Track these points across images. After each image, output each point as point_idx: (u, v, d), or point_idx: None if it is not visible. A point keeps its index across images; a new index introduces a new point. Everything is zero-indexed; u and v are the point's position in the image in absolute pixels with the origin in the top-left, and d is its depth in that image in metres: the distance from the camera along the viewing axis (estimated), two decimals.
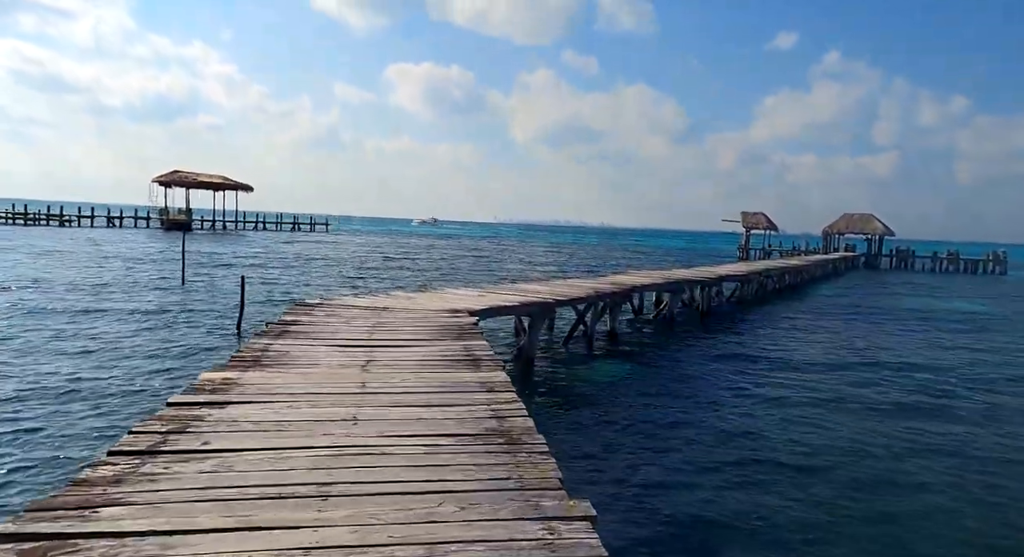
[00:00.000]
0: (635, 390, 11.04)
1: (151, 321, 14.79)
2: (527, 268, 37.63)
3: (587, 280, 16.89)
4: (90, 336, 12.86)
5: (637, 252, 72.58)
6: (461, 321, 8.74)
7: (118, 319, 14.85)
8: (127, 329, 13.82)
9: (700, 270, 23.33)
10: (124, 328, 13.87)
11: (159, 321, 14.83)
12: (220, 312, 16.37)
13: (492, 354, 6.57)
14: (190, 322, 14.90)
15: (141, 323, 14.48)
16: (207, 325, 14.69)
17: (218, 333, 13.77)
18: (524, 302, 11.47)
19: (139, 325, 14.25)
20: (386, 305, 10.15)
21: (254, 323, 14.80)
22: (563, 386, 11.09)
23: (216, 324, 14.83)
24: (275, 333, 7.32)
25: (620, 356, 13.99)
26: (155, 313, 15.88)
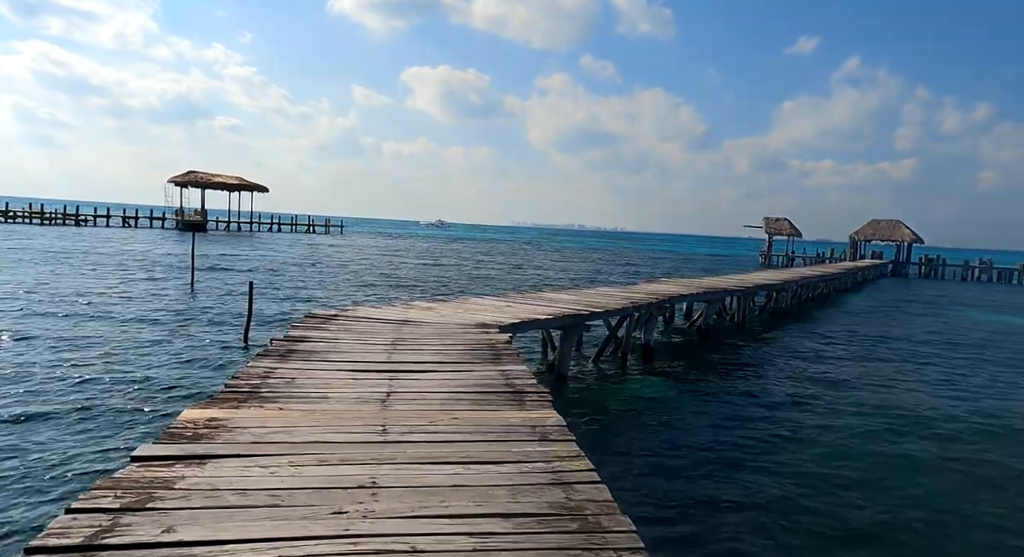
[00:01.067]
0: (680, 415, 9.91)
1: (153, 330, 13.87)
2: (549, 274, 36.55)
3: (618, 289, 15.77)
4: (80, 347, 11.94)
5: (658, 258, 71.24)
6: (492, 338, 7.67)
7: (116, 327, 13.95)
8: (125, 338, 12.90)
9: (732, 278, 22.11)
10: (122, 336, 12.95)
11: (161, 330, 13.91)
12: (228, 319, 15.44)
13: (536, 384, 5.50)
14: (195, 331, 13.97)
15: (140, 331, 13.56)
16: (213, 333, 13.75)
17: (223, 343, 12.81)
18: (557, 314, 10.39)
19: (139, 334, 13.33)
20: (406, 317, 9.11)
21: (264, 331, 13.85)
22: (599, 408, 9.99)
23: (223, 332, 13.89)
24: (280, 353, 6.30)
25: (657, 373, 12.86)
26: (159, 320, 14.98)
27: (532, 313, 10.28)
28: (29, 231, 48.00)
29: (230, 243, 47.49)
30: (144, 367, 10.57)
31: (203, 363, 11.07)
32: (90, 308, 15.99)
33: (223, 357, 11.60)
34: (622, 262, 55.97)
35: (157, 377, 9.97)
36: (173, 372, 10.33)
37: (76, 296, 17.72)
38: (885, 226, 58.52)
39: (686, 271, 46.02)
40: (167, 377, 9.99)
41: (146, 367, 10.58)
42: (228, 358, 11.58)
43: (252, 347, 12.59)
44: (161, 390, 9.34)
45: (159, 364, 10.84)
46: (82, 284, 20.18)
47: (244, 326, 13.09)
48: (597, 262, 53.13)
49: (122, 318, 14.85)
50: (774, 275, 25.66)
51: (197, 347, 12.32)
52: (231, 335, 13.48)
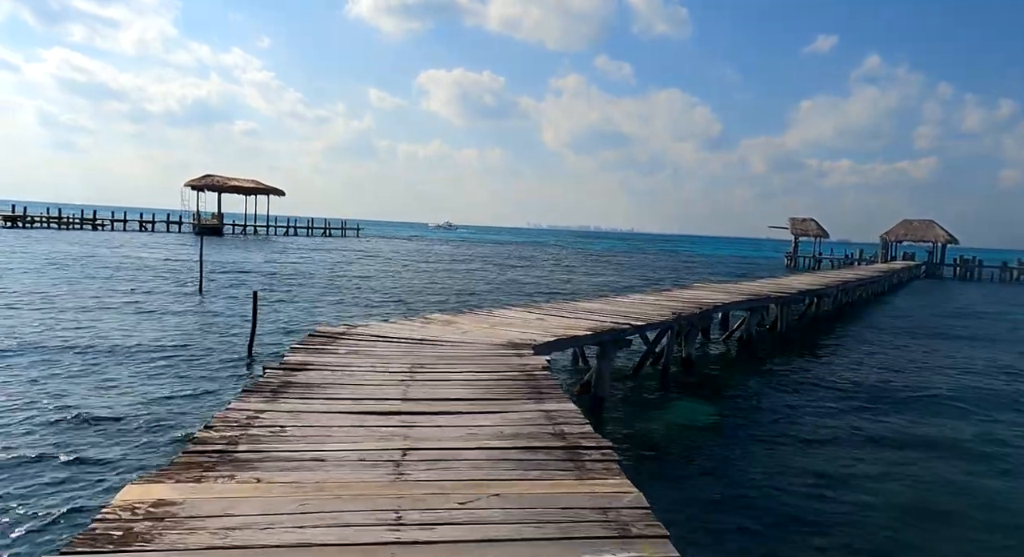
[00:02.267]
0: (737, 448, 8.64)
1: (152, 342, 12.84)
2: (573, 279, 35.28)
3: (653, 296, 14.49)
4: (66, 358, 10.91)
5: (680, 261, 69.65)
6: (527, 363, 6.46)
7: (113, 332, 12.93)
8: (120, 347, 11.88)
9: (768, 282, 20.71)
10: (117, 345, 11.91)
11: (162, 342, 12.87)
12: (236, 329, 14.39)
13: (593, 434, 4.28)
14: (198, 343, 12.92)
15: (140, 340, 12.53)
16: (217, 345, 12.69)
17: (227, 357, 11.73)
18: (595, 329, 9.16)
19: (137, 344, 12.30)
20: (425, 335, 7.92)
21: (274, 341, 12.77)
22: (645, 439, 8.76)
23: (228, 344, 12.83)
24: (272, 387, 5.14)
25: (700, 391, 11.59)
26: (160, 331, 13.95)
27: (567, 328, 9.06)
28: (48, 235, 47.68)
29: (246, 248, 46.80)
30: (122, 392, 9.48)
31: (193, 386, 9.94)
32: (84, 314, 15.03)
33: (220, 375, 10.50)
34: (644, 265, 54.51)
35: (129, 409, 8.67)
36: (156, 398, 9.16)
37: (74, 300, 16.80)
38: (918, 226, 56.47)
39: (713, 275, 44.53)
40: (143, 406, 8.77)
41: (125, 391, 9.49)
42: (230, 374, 10.49)
43: (257, 361, 11.53)
44: (125, 429, 8.01)
45: (143, 384, 9.75)
46: (86, 288, 19.28)
47: (248, 340, 12.00)
48: (618, 266, 51.72)
49: (115, 326, 13.84)
50: (814, 279, 24.19)
51: (195, 361, 11.26)
52: (237, 346, 12.42)
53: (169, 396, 9.16)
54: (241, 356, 11.86)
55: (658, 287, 20.51)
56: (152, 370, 10.59)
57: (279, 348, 12.41)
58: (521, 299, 21.47)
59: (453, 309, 17.32)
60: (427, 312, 16.68)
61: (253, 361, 11.53)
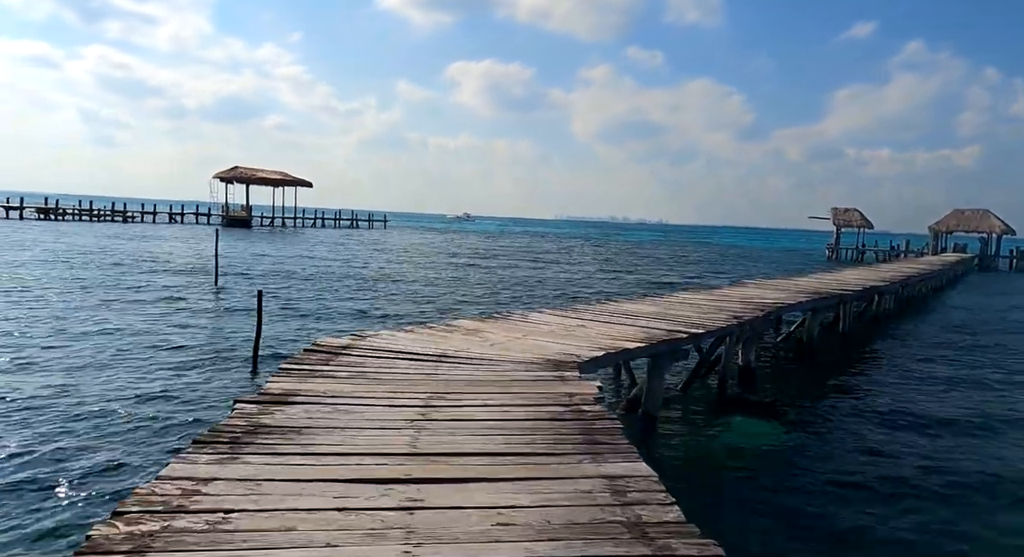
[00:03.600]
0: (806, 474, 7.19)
1: (146, 342, 11.74)
2: (606, 275, 33.72)
3: (704, 295, 12.96)
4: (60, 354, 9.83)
5: (719, 254, 67.42)
6: (575, 393, 5.05)
7: (118, 326, 11.86)
8: (119, 345, 10.80)
9: (823, 277, 18.92)
10: (115, 343, 10.82)
11: (159, 342, 11.77)
12: (246, 329, 13.22)
13: (684, 522, 2.88)
14: (199, 344, 11.79)
15: (131, 340, 11.43)
16: (219, 349, 11.56)
17: (226, 366, 10.54)
18: (649, 339, 7.72)
19: (128, 343, 11.19)
20: (445, 349, 6.57)
21: (282, 342, 11.59)
22: (700, 459, 7.44)
23: (232, 348, 11.69)
24: (237, 433, 3.83)
25: (764, 408, 10.09)
26: (160, 330, 12.87)
27: (614, 338, 7.64)
28: (79, 227, 47.62)
29: (272, 240, 46.16)
30: (107, 402, 8.33)
31: (180, 400, 8.74)
32: (85, 312, 14.04)
33: (210, 390, 9.31)
34: (679, 258, 52.52)
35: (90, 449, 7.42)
36: (107, 433, 7.78)
37: (75, 291, 15.87)
38: (971, 216, 53.48)
39: (754, 268, 42.52)
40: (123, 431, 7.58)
41: (107, 403, 8.34)
42: (227, 384, 9.31)
43: (263, 365, 10.35)
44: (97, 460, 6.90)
45: (134, 400, 8.60)
46: (94, 278, 18.41)
47: (253, 348, 10.80)
48: (652, 259, 49.80)
49: (115, 327, 12.80)
50: (869, 273, 22.28)
51: (188, 369, 10.10)
52: (241, 351, 11.26)
53: (120, 432, 7.81)
54: (245, 362, 10.69)
55: (701, 284, 18.98)
56: (128, 380, 9.43)
57: (288, 353, 11.23)
58: (552, 299, 20.04)
59: (479, 312, 16.00)
60: (449, 313, 15.59)
61: (257, 371, 10.34)
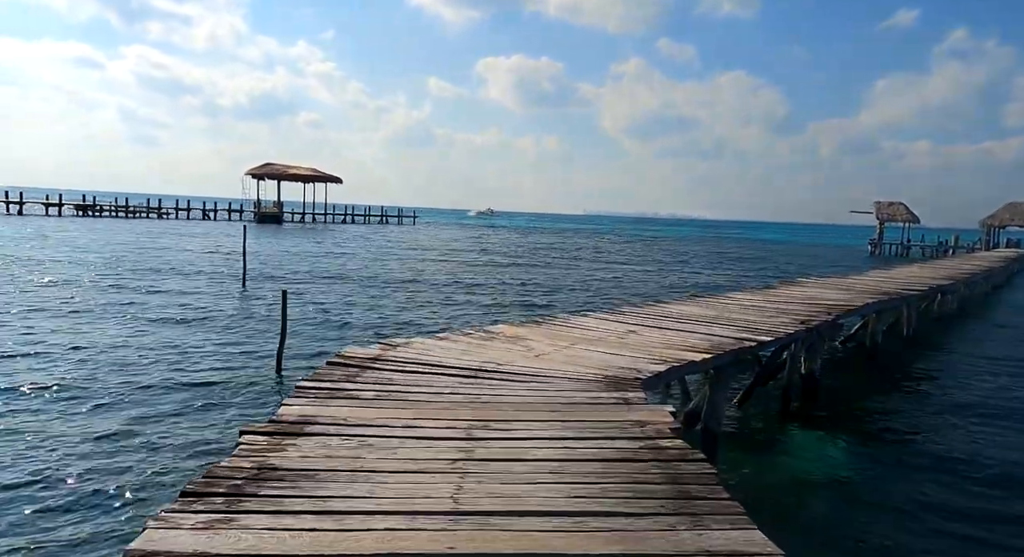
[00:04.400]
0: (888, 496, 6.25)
1: (166, 346, 11.18)
2: (644, 273, 32.66)
3: (760, 295, 11.95)
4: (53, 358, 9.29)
5: (758, 250, 65.59)
6: (645, 421, 4.19)
7: (136, 331, 11.35)
8: (133, 355, 10.25)
9: (880, 275, 17.66)
10: (128, 352, 10.27)
11: (181, 343, 11.22)
12: (272, 332, 12.62)
13: None
14: (221, 350, 11.20)
15: (149, 344, 10.88)
16: (243, 353, 10.96)
17: (245, 376, 9.90)
18: (714, 348, 6.81)
19: (147, 347, 10.65)
20: (485, 362, 5.76)
21: (314, 349, 10.94)
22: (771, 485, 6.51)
23: (256, 354, 11.08)
24: (237, 482, 3.07)
25: (832, 422, 9.12)
26: (181, 332, 12.34)
27: (674, 347, 6.75)
28: (114, 224, 48.11)
29: (304, 236, 46.00)
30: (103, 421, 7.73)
31: (183, 423, 8.10)
32: (106, 307, 13.60)
33: (229, 401, 8.67)
34: (717, 254, 50.90)
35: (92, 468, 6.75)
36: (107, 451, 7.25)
37: (100, 286, 15.49)
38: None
39: (800, 266, 40.96)
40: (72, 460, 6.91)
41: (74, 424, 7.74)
42: (250, 401, 8.66)
43: (287, 376, 9.71)
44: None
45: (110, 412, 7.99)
46: (122, 273, 18.08)
47: (277, 350, 10.16)
48: (688, 256, 48.26)
49: (136, 325, 12.29)
50: (926, 271, 20.89)
51: (207, 376, 9.48)
52: (266, 358, 10.63)
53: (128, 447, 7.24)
54: (268, 373, 10.04)
55: (749, 282, 17.87)
56: (138, 391, 8.83)
57: (314, 356, 10.56)
58: (592, 299, 19.11)
59: (516, 315, 15.18)
60: (484, 316, 14.80)
61: (281, 381, 9.69)
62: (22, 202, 56.18)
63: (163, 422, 7.53)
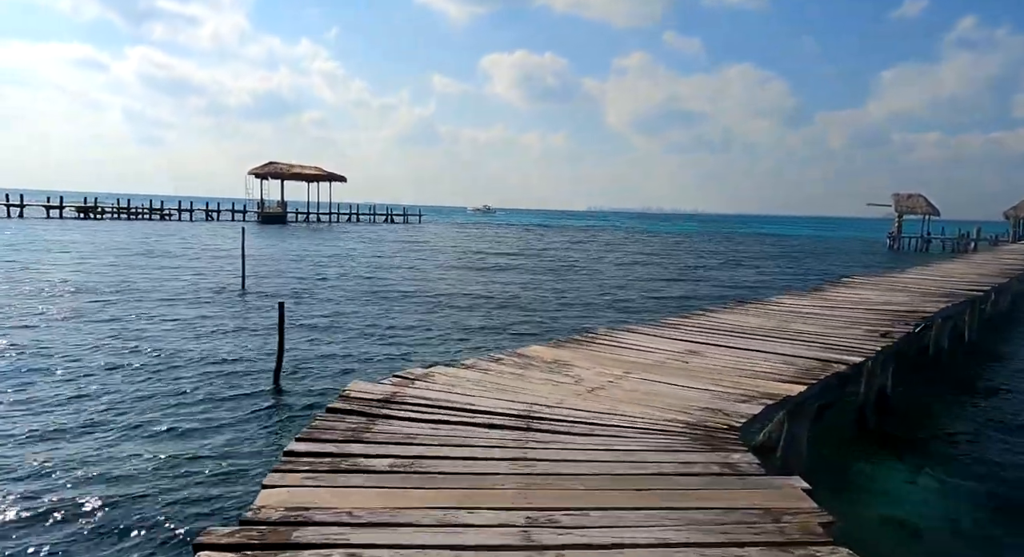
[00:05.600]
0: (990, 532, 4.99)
1: (155, 358, 9.97)
2: (666, 275, 31.30)
3: (810, 299, 10.68)
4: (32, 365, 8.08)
5: (773, 244, 64.12)
6: (776, 508, 2.96)
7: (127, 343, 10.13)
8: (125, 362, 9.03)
9: (925, 272, 16.34)
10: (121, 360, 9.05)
11: (173, 356, 10.02)
12: (272, 344, 11.42)
13: None
14: (213, 366, 9.99)
15: (137, 355, 9.67)
16: (239, 368, 9.76)
17: (241, 393, 8.69)
18: (808, 375, 5.56)
19: (141, 357, 9.43)
20: (530, 404, 4.52)
21: (302, 362, 9.72)
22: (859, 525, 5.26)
23: (258, 366, 9.88)
24: None
25: (910, 445, 7.85)
26: (173, 342, 11.12)
27: (753, 373, 5.51)
28: (116, 226, 47.08)
29: (309, 237, 44.89)
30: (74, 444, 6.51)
31: (165, 448, 6.89)
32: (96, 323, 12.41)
33: (228, 417, 7.46)
34: (736, 252, 48.91)
35: None
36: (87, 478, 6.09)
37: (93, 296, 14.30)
38: None
39: (829, 263, 39.59)
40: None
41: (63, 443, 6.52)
42: (237, 422, 7.44)
43: (285, 395, 8.53)
44: None
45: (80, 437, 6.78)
46: (113, 280, 16.92)
47: (275, 366, 8.96)
48: (707, 254, 46.49)
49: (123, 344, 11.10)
50: (980, 268, 19.52)
51: (197, 397, 8.28)
52: (265, 373, 9.42)
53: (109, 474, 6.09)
54: (265, 388, 8.84)
55: (787, 282, 16.52)
56: (119, 412, 7.63)
57: (319, 380, 9.36)
58: (627, 306, 17.67)
59: (544, 329, 13.75)
60: (504, 330, 13.49)
61: (280, 398, 8.50)
62: (23, 205, 55.29)
63: (140, 445, 6.33)
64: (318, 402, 8.06)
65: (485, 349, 11.57)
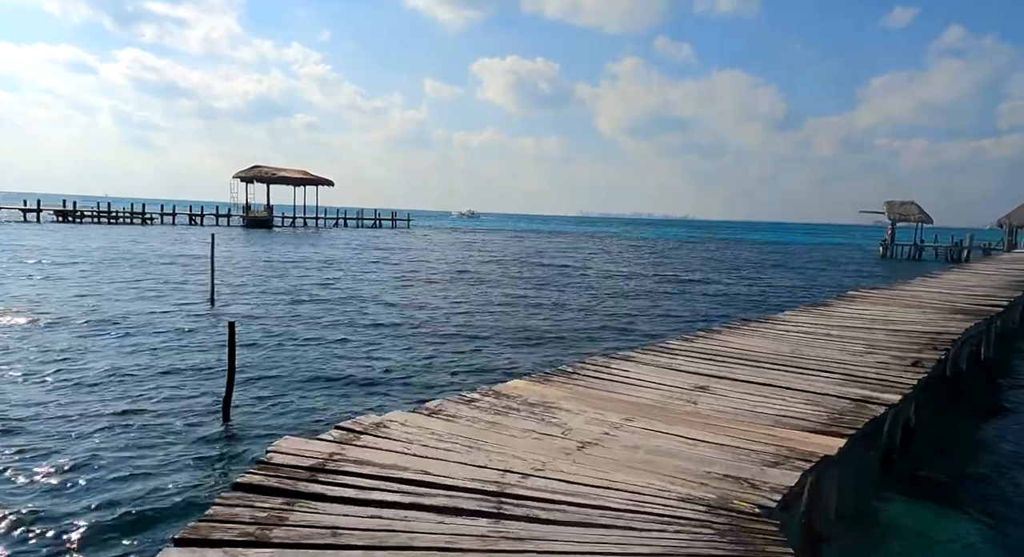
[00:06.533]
0: None
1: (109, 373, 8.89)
2: (659, 287, 30.42)
3: (820, 317, 9.78)
4: None
5: (765, 253, 63.57)
6: None
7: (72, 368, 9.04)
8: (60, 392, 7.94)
9: (935, 284, 15.51)
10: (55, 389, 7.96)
11: (120, 386, 8.94)
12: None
13: None
14: (161, 392, 8.93)
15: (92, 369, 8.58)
16: (188, 395, 8.71)
17: (180, 426, 7.64)
18: (839, 421, 4.62)
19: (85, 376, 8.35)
20: (504, 472, 3.53)
21: (264, 397, 8.66)
22: None
23: (214, 393, 8.83)
24: None
25: (940, 487, 6.95)
26: (129, 359, 10.02)
27: (776, 419, 4.57)
28: (96, 230, 45.67)
29: (291, 243, 43.74)
30: None
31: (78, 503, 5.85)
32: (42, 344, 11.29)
33: (154, 462, 6.41)
34: (731, 261, 47.79)
35: None
36: None
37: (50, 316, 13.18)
38: None
39: (823, 270, 38.89)
40: None
41: None
42: (167, 463, 6.40)
43: (235, 429, 7.50)
44: None
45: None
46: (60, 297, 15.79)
47: (224, 395, 7.90)
48: (705, 262, 45.17)
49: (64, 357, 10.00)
50: (980, 279, 18.74)
51: (132, 427, 7.22)
52: (214, 405, 8.37)
53: None
54: (213, 422, 7.79)
55: (787, 295, 15.57)
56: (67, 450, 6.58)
57: (271, 420, 8.32)
58: (619, 323, 16.63)
59: (528, 349, 12.74)
60: (481, 351, 12.25)
61: (228, 431, 7.47)
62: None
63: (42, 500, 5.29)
64: (268, 440, 7.05)
65: (459, 376, 10.53)
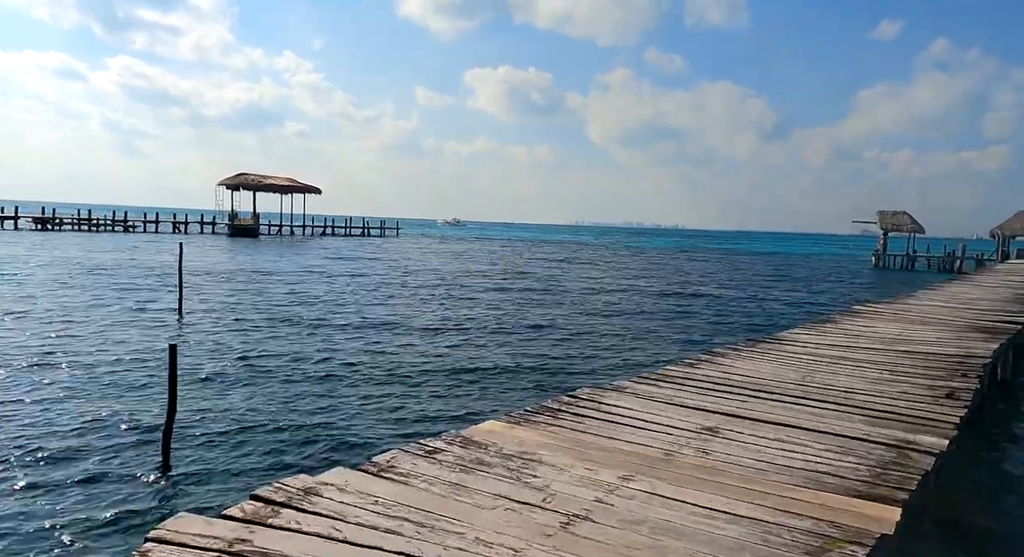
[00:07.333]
0: None
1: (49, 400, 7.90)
2: (657, 302, 29.61)
3: (827, 335, 8.96)
4: None
5: (761, 264, 63.02)
6: None
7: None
8: None
9: (941, 297, 14.78)
10: None
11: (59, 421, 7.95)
12: (190, 397, 9.34)
13: None
14: (116, 412, 7.96)
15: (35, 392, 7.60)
16: (138, 424, 7.75)
17: (129, 453, 6.70)
18: (883, 479, 3.77)
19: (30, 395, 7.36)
20: None
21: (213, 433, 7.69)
22: None
23: (159, 426, 7.86)
24: None
25: (973, 532, 6.13)
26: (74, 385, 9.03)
27: (806, 478, 3.71)
28: (76, 239, 44.42)
29: (276, 252, 42.68)
30: None
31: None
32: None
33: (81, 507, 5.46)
34: (727, 273, 45.32)
35: None
36: None
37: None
38: None
39: (823, 282, 38.19)
40: None
41: None
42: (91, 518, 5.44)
43: (175, 471, 6.57)
44: None
45: None
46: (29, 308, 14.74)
47: (164, 431, 6.94)
48: (702, 274, 43.22)
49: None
50: (982, 291, 18.04)
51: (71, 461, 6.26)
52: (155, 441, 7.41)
53: None
54: (150, 462, 6.84)
55: (787, 309, 14.70)
56: None
57: (219, 466, 7.37)
58: (614, 345, 15.56)
59: (511, 383, 11.45)
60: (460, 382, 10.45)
61: (166, 475, 6.52)
62: None
63: None
64: (217, 492, 6.12)
65: (431, 410, 9.32)
